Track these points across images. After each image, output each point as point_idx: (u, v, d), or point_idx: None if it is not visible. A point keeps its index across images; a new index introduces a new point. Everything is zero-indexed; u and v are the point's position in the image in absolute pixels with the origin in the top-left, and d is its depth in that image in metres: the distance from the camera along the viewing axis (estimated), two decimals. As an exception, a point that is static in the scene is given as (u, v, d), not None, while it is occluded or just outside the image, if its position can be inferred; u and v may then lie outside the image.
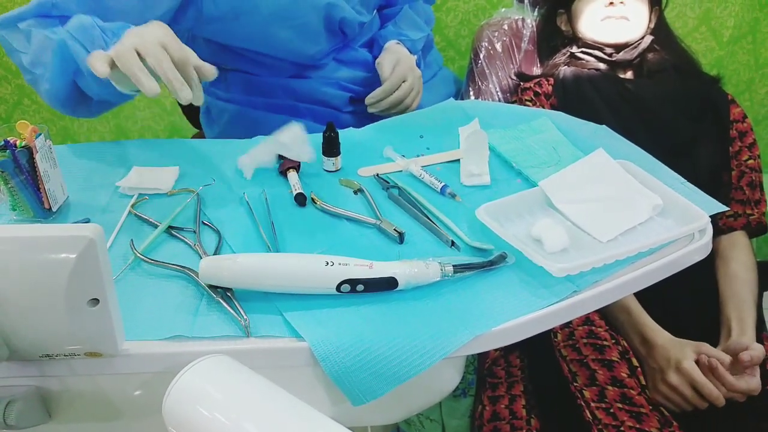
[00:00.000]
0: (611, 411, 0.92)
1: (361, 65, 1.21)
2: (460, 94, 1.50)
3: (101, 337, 0.59)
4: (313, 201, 0.86)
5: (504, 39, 1.49)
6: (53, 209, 0.83)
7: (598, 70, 1.28)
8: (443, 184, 0.88)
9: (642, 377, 0.98)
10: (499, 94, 1.46)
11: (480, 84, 1.47)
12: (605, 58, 1.28)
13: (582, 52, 1.30)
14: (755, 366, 0.95)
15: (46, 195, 0.81)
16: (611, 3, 1.26)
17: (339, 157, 0.94)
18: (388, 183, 0.90)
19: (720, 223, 1.18)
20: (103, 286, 0.56)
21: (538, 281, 0.71)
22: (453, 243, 0.78)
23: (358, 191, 0.89)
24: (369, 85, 1.16)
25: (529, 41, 1.49)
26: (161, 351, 0.63)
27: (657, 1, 1.32)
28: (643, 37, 1.28)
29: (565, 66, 1.31)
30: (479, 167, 0.92)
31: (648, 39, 1.28)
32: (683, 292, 1.06)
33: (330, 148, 0.93)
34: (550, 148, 0.97)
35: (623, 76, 1.28)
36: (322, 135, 0.93)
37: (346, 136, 1.01)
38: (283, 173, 0.92)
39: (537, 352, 1.08)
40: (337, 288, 0.67)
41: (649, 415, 0.92)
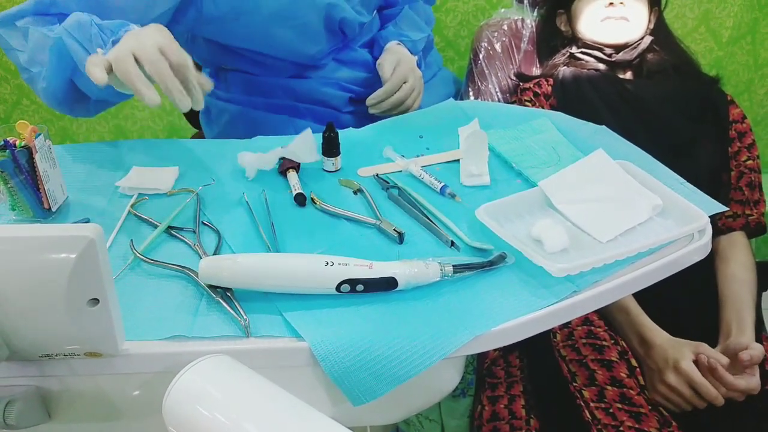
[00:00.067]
0: (610, 411, 0.92)
1: (361, 66, 1.21)
2: (459, 94, 1.50)
3: (101, 337, 0.59)
4: (313, 201, 0.86)
5: (503, 39, 1.49)
6: (53, 209, 0.83)
7: (597, 70, 1.28)
8: (443, 184, 0.89)
9: (641, 377, 0.99)
10: (499, 94, 1.46)
11: (479, 84, 1.47)
12: (605, 58, 1.28)
13: (582, 52, 1.31)
14: (755, 365, 0.95)
15: (45, 195, 0.81)
16: (611, 4, 1.26)
17: (339, 158, 0.94)
18: (387, 183, 0.90)
19: (719, 224, 1.18)
20: (103, 286, 0.56)
21: (537, 281, 0.71)
22: (453, 243, 0.78)
23: (357, 191, 0.89)
24: (369, 86, 1.16)
25: (529, 42, 1.49)
26: (161, 351, 0.64)
27: (656, 2, 1.32)
28: (643, 38, 1.28)
29: (565, 66, 1.31)
30: (479, 167, 0.92)
31: (647, 39, 1.28)
32: (683, 292, 1.06)
33: (330, 148, 0.93)
34: (549, 148, 0.97)
35: (623, 76, 1.28)
36: (321, 135, 0.93)
37: (345, 136, 1.01)
38: (283, 173, 0.92)
39: (536, 352, 1.08)
40: (337, 288, 0.67)
41: (648, 415, 0.92)
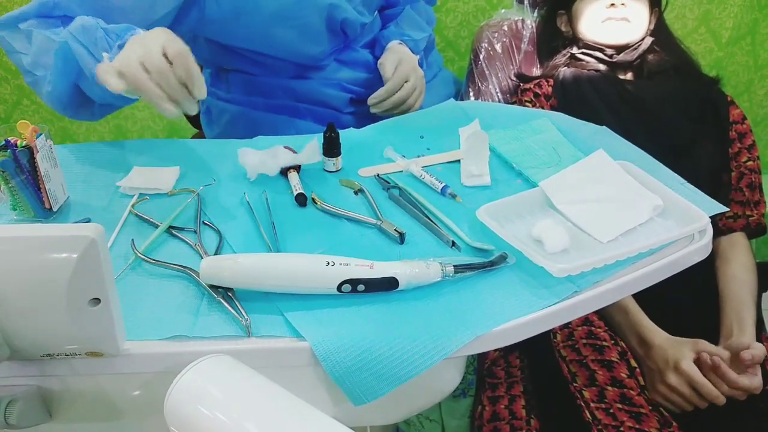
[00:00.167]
0: (611, 411, 0.92)
1: (362, 66, 1.21)
2: (459, 95, 1.50)
3: (102, 337, 0.59)
4: (314, 201, 0.86)
5: (504, 40, 1.49)
6: (54, 209, 0.83)
7: (597, 71, 1.28)
8: (444, 184, 0.89)
9: (641, 378, 0.99)
10: (499, 95, 1.46)
11: (480, 85, 1.47)
12: (606, 59, 1.28)
13: (582, 53, 1.31)
14: (756, 365, 0.95)
15: (46, 195, 0.81)
16: (612, 4, 1.26)
17: (339, 158, 0.94)
18: (388, 183, 0.90)
19: (720, 224, 1.19)
20: (104, 285, 0.56)
21: (538, 281, 0.71)
22: (453, 243, 0.78)
23: (358, 191, 0.89)
24: (370, 86, 1.16)
25: (529, 42, 1.49)
26: (162, 351, 0.64)
27: (657, 3, 1.32)
28: (644, 39, 1.28)
29: (565, 67, 1.31)
30: (479, 168, 0.92)
31: (648, 40, 1.28)
32: (683, 292, 1.06)
33: (330, 148, 0.93)
34: (550, 148, 0.97)
35: (623, 77, 1.29)
36: (322, 135, 0.93)
37: (346, 136, 1.01)
38: (284, 173, 0.92)
39: (537, 352, 1.08)
40: (338, 288, 0.67)
41: (649, 416, 0.92)
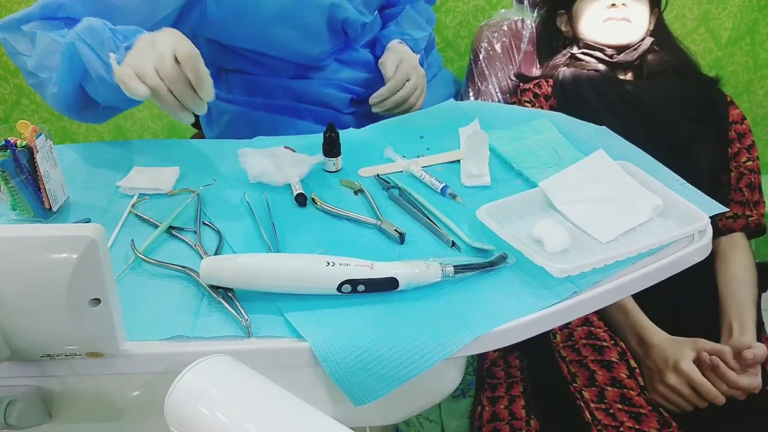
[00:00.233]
0: (611, 412, 0.92)
1: (363, 66, 1.21)
2: (459, 95, 1.50)
3: (102, 337, 0.59)
4: (314, 201, 0.86)
5: (503, 40, 1.49)
6: (54, 209, 0.83)
7: (597, 71, 1.28)
8: (444, 184, 0.89)
9: (640, 378, 0.99)
10: (499, 95, 1.46)
11: (479, 85, 1.47)
12: (606, 59, 1.28)
13: (583, 53, 1.31)
14: (757, 364, 0.95)
15: (46, 195, 0.81)
16: (613, 5, 1.26)
17: (339, 158, 0.94)
18: (388, 183, 0.90)
19: (719, 225, 1.19)
20: (105, 286, 0.56)
21: (538, 282, 0.71)
22: (453, 243, 0.78)
23: (358, 192, 0.89)
24: (370, 86, 1.16)
25: (529, 42, 1.49)
26: (162, 351, 0.63)
27: (656, 3, 1.32)
28: (644, 39, 1.28)
29: (565, 67, 1.31)
30: (479, 168, 0.92)
31: (648, 41, 1.28)
32: (684, 292, 1.06)
33: (330, 148, 0.93)
34: (550, 148, 0.97)
35: (623, 77, 1.29)
36: (322, 135, 0.93)
37: (346, 136, 1.01)
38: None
39: (536, 352, 1.08)
40: (338, 288, 0.67)
41: (649, 416, 0.92)
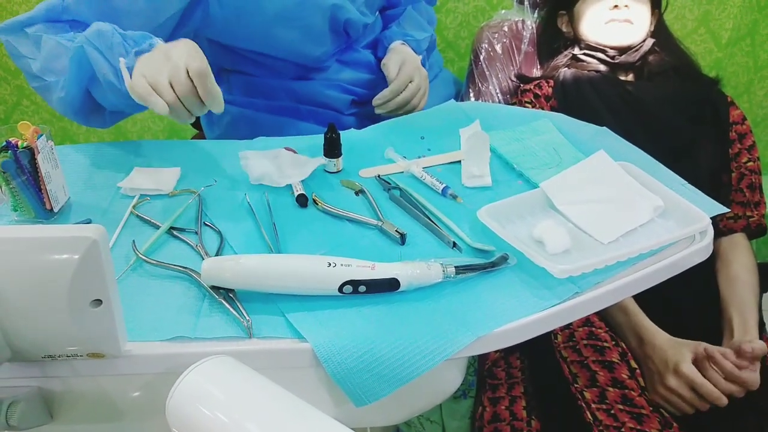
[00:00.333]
0: (612, 412, 0.92)
1: (364, 67, 1.21)
2: (459, 95, 1.50)
3: (104, 338, 0.59)
4: (315, 202, 0.86)
5: (504, 41, 1.49)
6: (55, 210, 0.83)
7: (598, 72, 1.28)
8: (444, 185, 0.89)
9: (642, 378, 0.99)
10: (499, 95, 1.46)
11: (480, 85, 1.47)
12: (608, 60, 1.28)
13: (584, 54, 1.31)
14: (756, 359, 0.95)
15: (47, 196, 0.81)
16: (615, 6, 1.26)
17: (340, 159, 0.94)
18: (389, 184, 0.90)
19: (720, 225, 1.19)
20: (106, 286, 0.56)
21: (539, 282, 0.71)
22: (455, 244, 0.78)
23: (359, 192, 0.89)
24: (372, 88, 1.16)
25: (529, 43, 1.49)
26: (163, 352, 0.63)
27: (657, 4, 1.32)
28: (645, 40, 1.28)
29: (565, 68, 1.31)
30: (480, 168, 0.92)
31: (650, 42, 1.28)
32: (685, 293, 1.06)
33: (331, 149, 0.93)
34: (551, 149, 0.97)
35: (624, 78, 1.29)
36: (323, 136, 0.93)
37: (347, 137, 1.01)
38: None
39: (537, 353, 1.08)
40: (339, 289, 0.67)
41: (650, 416, 0.92)
